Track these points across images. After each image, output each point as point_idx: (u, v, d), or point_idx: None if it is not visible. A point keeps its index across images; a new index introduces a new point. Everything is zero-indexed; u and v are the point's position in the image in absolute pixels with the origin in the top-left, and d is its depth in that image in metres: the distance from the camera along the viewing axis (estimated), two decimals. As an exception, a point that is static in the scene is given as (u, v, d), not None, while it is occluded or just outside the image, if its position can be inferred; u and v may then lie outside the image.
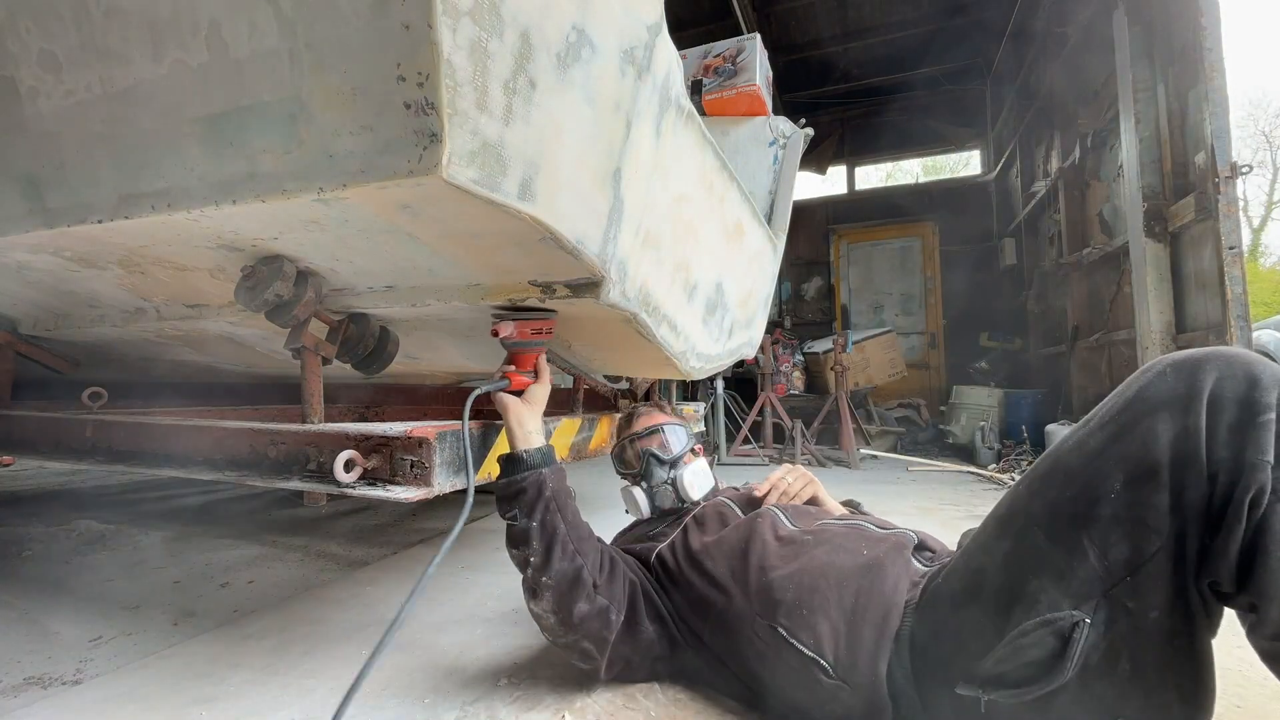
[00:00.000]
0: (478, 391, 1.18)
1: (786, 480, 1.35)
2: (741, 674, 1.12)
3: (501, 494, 1.12)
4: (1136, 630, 0.76)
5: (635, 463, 1.44)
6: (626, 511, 1.50)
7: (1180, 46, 3.49)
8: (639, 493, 1.42)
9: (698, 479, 1.39)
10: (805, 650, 0.99)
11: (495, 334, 1.22)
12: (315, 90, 0.81)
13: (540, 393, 1.24)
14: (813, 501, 1.35)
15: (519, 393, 1.22)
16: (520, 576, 1.13)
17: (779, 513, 1.22)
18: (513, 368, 1.25)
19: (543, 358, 1.27)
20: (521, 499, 1.10)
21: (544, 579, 1.07)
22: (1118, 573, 0.76)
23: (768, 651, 1.04)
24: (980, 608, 0.87)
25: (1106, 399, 0.85)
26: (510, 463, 1.14)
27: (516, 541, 1.10)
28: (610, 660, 1.13)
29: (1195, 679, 0.77)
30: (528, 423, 1.19)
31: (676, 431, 1.47)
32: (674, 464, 1.40)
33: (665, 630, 1.17)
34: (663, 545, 1.25)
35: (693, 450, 1.45)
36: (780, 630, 1.01)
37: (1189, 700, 0.77)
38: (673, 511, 1.38)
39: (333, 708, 1.15)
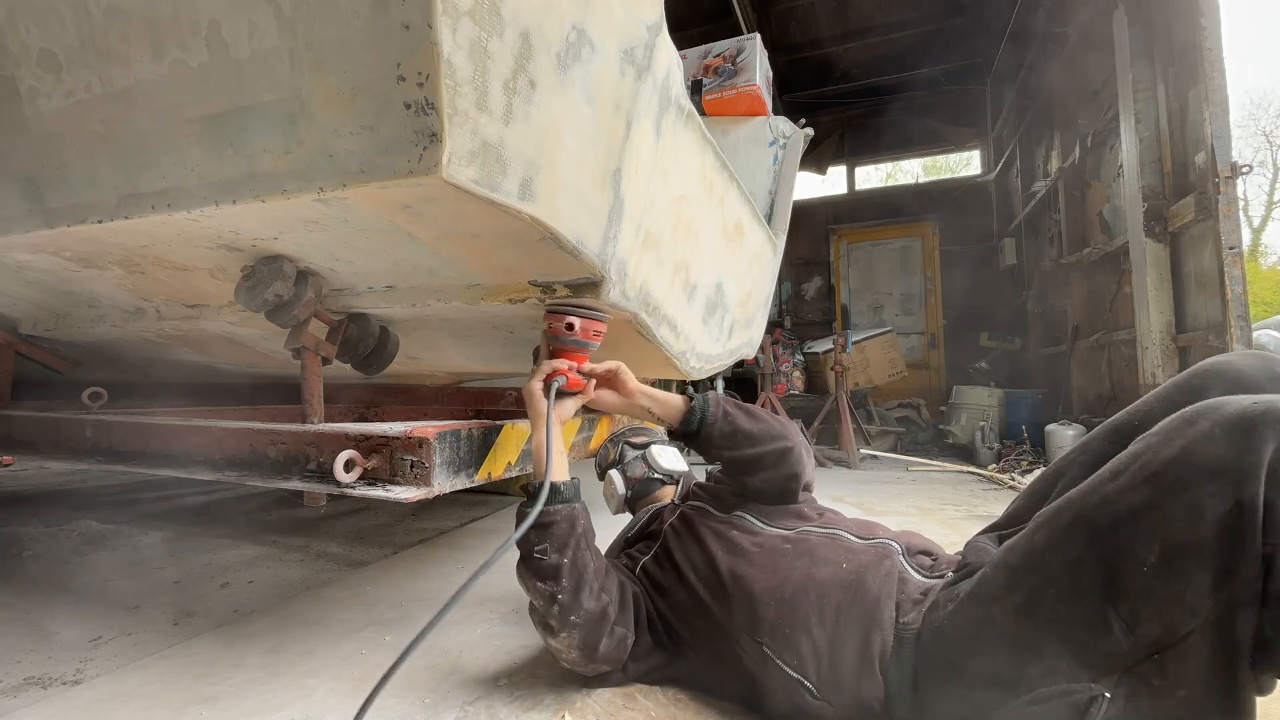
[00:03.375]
0: (555, 388, 1.11)
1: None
2: (735, 682, 1.11)
3: (531, 523, 1.05)
4: (1160, 709, 0.71)
5: (611, 452, 1.55)
6: (611, 508, 1.54)
7: (1180, 46, 3.49)
8: (614, 474, 1.50)
9: (666, 453, 1.50)
10: (789, 670, 0.98)
11: (568, 328, 1.13)
12: (315, 90, 0.81)
13: (574, 406, 1.18)
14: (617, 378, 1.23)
15: (570, 394, 1.16)
16: (530, 601, 1.09)
17: (753, 518, 1.20)
18: (565, 364, 1.14)
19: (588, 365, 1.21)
20: (553, 532, 1.05)
21: (572, 618, 1.04)
22: (1145, 649, 0.71)
23: (755, 667, 1.04)
24: (989, 660, 0.83)
25: (1137, 445, 0.77)
26: (547, 489, 1.06)
27: (543, 576, 1.04)
28: (623, 674, 1.15)
29: None
30: (561, 444, 1.13)
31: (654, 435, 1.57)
32: (645, 446, 1.52)
33: (659, 640, 1.17)
34: (646, 558, 1.24)
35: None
36: (765, 648, 1.01)
37: None
38: (650, 523, 1.37)
39: (333, 707, 1.16)
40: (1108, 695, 0.72)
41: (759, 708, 1.10)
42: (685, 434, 1.23)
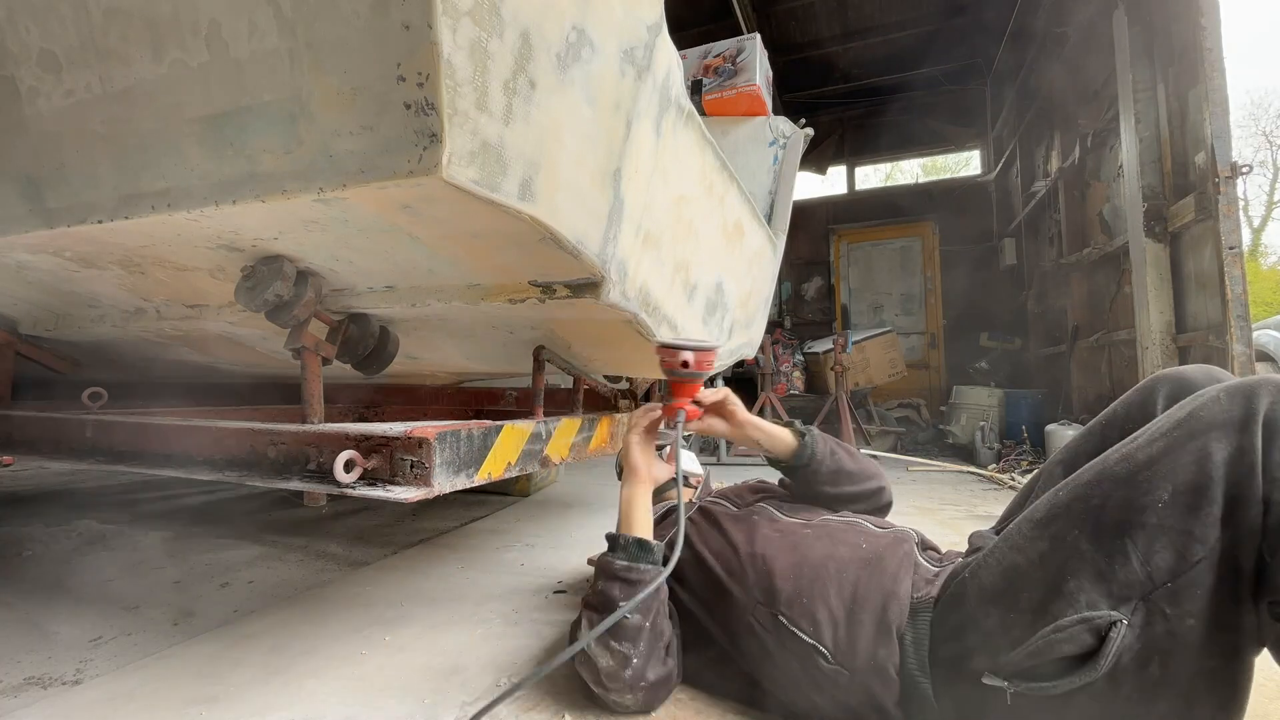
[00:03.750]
0: (679, 432, 1.15)
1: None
2: (745, 664, 1.12)
3: (620, 575, 1.05)
4: (1171, 636, 0.78)
5: None
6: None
7: (1180, 46, 3.49)
8: None
9: (683, 455, 1.50)
10: (805, 637, 1.01)
11: (684, 365, 1.13)
12: (315, 90, 0.81)
13: (659, 473, 1.21)
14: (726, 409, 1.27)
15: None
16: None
17: (774, 509, 1.24)
18: (685, 401, 1.17)
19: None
20: (637, 590, 1.03)
21: (642, 682, 1.04)
22: (1159, 578, 0.78)
23: (769, 639, 1.06)
24: (1012, 603, 0.89)
25: (1157, 420, 0.87)
26: (640, 547, 1.08)
27: (622, 637, 1.02)
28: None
29: (1228, 690, 0.78)
30: (650, 498, 1.17)
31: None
32: (662, 448, 1.51)
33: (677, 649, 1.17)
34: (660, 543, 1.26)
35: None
36: (781, 618, 1.04)
37: (1217, 712, 0.78)
38: (666, 515, 1.40)
39: (333, 707, 1.16)
40: (1125, 621, 0.79)
41: (765, 697, 1.11)
42: (791, 467, 1.28)
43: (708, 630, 1.16)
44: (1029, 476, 3.95)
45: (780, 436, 1.28)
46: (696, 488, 1.53)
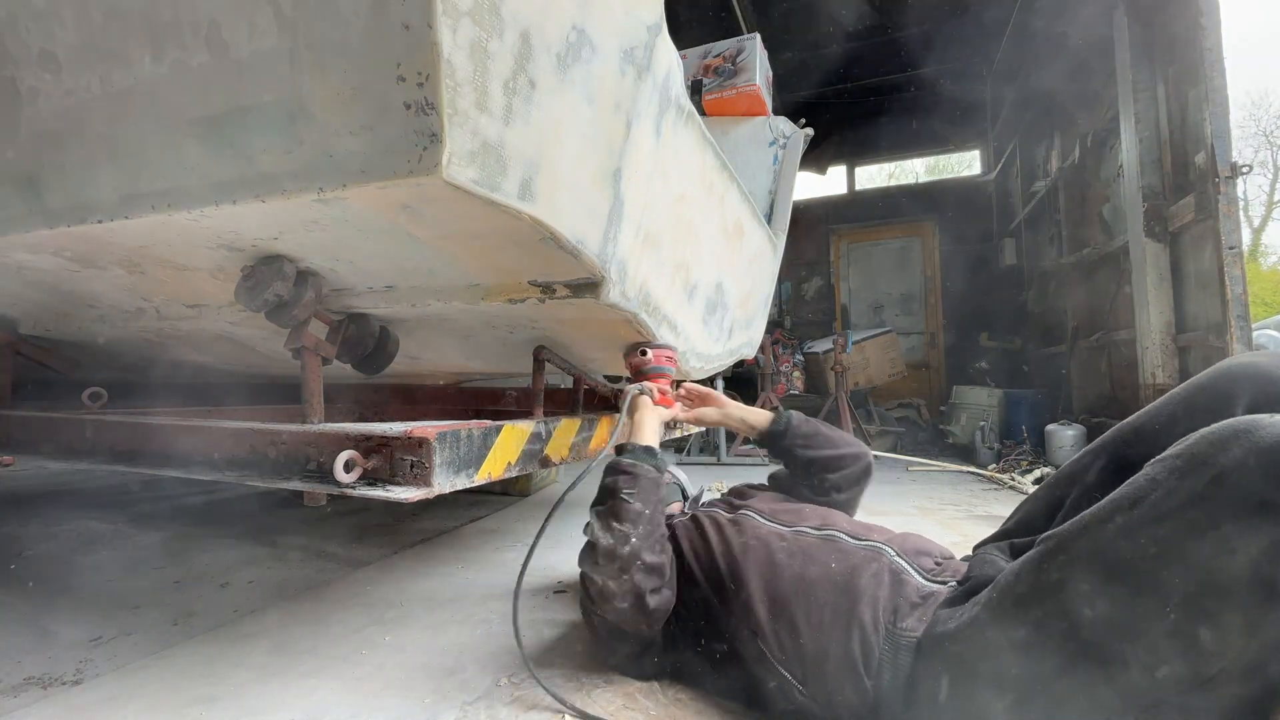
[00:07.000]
0: (637, 390, 1.37)
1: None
2: (737, 676, 1.12)
3: (625, 469, 1.16)
4: None
5: None
6: None
7: (1180, 46, 3.49)
8: None
9: (680, 472, 1.63)
10: (779, 666, 1.00)
11: (641, 353, 1.43)
12: (315, 90, 0.81)
13: (667, 415, 1.41)
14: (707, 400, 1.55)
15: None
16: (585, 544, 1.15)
17: (755, 515, 1.24)
18: (651, 385, 1.42)
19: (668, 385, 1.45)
20: (642, 482, 1.15)
21: (637, 563, 1.08)
22: (1165, 690, 0.66)
23: (753, 664, 1.05)
24: (996, 689, 0.79)
25: (1157, 469, 0.71)
26: (647, 451, 1.22)
27: (624, 518, 1.10)
28: (638, 661, 1.21)
29: None
30: (659, 426, 1.33)
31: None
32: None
33: (667, 628, 1.18)
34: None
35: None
36: (760, 643, 1.03)
37: None
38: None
39: (333, 706, 1.16)
40: None
41: (759, 704, 1.10)
42: (773, 434, 1.43)
43: (705, 635, 1.15)
44: (1029, 477, 3.92)
45: (761, 414, 1.48)
46: (686, 500, 1.55)
